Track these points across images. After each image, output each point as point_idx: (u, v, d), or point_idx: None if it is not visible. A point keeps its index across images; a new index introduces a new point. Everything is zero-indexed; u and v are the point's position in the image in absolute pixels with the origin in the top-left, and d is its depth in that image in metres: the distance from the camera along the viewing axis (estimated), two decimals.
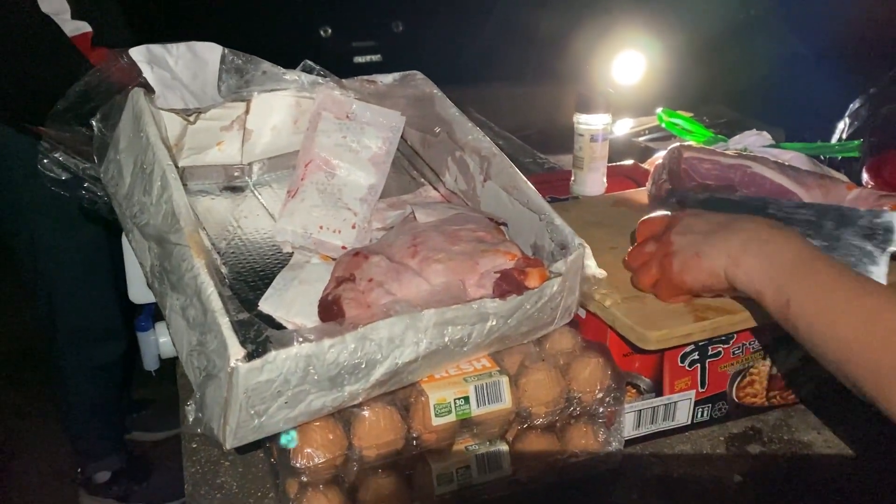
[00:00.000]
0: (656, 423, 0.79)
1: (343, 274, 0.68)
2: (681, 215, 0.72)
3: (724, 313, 0.71)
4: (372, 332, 0.58)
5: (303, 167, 0.81)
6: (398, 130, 0.83)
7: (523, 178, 0.77)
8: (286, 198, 0.80)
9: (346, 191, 0.81)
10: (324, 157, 0.81)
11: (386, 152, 0.83)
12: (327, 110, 0.83)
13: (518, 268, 0.65)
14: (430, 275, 0.66)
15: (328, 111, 0.83)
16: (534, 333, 0.70)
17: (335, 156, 0.82)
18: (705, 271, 0.67)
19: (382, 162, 0.83)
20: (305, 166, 0.81)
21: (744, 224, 0.67)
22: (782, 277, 0.61)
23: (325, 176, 0.81)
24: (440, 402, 0.65)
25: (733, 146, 1.07)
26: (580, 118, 1.00)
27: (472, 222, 0.72)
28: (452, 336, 0.62)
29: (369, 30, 2.51)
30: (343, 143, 0.82)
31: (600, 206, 0.97)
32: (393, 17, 2.52)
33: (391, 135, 0.83)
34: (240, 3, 2.25)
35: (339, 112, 0.83)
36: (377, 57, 2.51)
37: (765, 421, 0.83)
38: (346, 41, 2.47)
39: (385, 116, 0.84)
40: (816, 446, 0.80)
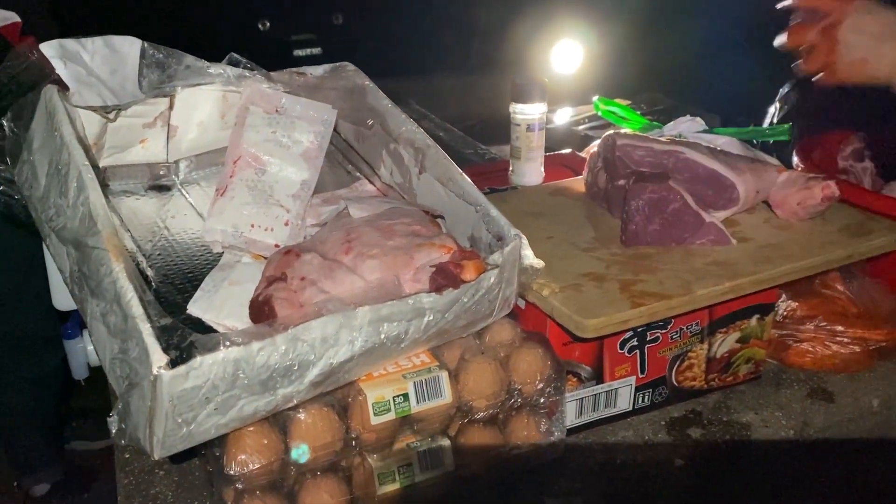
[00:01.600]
0: (598, 411, 0.80)
1: (274, 273, 0.66)
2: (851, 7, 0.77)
3: (661, 298, 0.71)
4: (304, 332, 0.56)
5: (231, 164, 0.78)
6: (330, 124, 0.81)
7: (458, 169, 0.76)
8: (215, 196, 0.77)
9: (277, 187, 0.79)
10: (253, 153, 0.79)
11: (318, 146, 0.81)
12: (255, 105, 0.80)
13: (454, 261, 0.64)
14: (364, 271, 0.65)
15: (256, 105, 0.80)
16: (473, 326, 0.70)
17: (265, 151, 0.79)
18: (869, 76, 0.76)
19: (315, 157, 0.80)
20: (234, 163, 0.78)
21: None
22: None
23: (255, 173, 0.79)
24: (379, 401, 0.64)
25: (668, 132, 1.08)
26: (516, 108, 0.99)
27: (407, 216, 0.71)
28: (389, 333, 0.60)
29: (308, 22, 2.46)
30: (273, 139, 0.80)
31: (538, 196, 0.96)
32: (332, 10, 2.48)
33: (323, 128, 0.81)
34: None
35: (268, 106, 0.81)
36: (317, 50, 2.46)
37: (704, 404, 0.84)
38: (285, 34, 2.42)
39: (316, 110, 0.81)
40: (755, 426, 0.81)
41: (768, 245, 0.79)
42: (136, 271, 0.59)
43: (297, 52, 2.42)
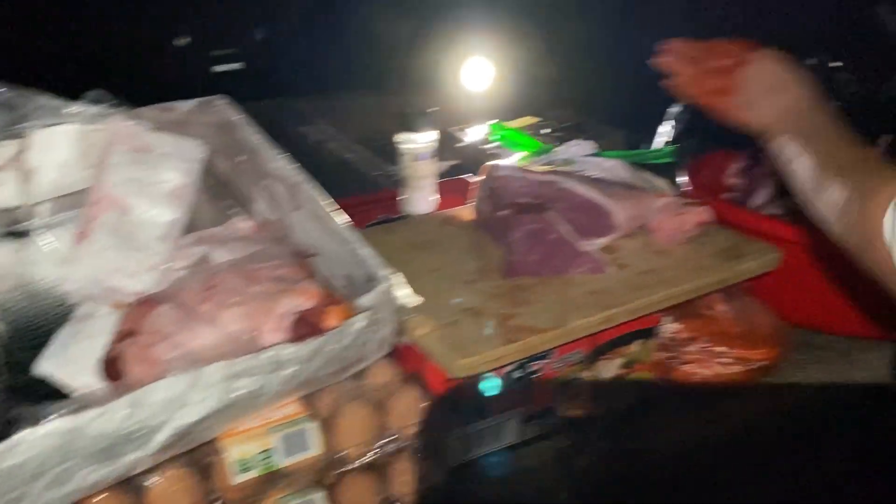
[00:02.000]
0: (484, 446, 0.79)
1: (127, 327, 0.62)
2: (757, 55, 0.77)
3: (534, 333, 0.70)
4: (146, 395, 0.53)
5: (92, 207, 0.74)
6: (200, 161, 0.78)
7: (331, 206, 0.73)
8: (74, 243, 0.73)
9: (143, 230, 0.75)
10: (116, 194, 0.75)
11: (187, 185, 0.77)
12: (119, 143, 0.76)
13: (317, 307, 0.62)
14: (223, 322, 0.62)
15: (120, 144, 0.76)
16: (345, 372, 0.67)
17: (129, 192, 0.75)
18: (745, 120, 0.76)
19: (184, 196, 0.77)
20: (95, 206, 0.74)
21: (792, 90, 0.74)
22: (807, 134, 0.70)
23: (118, 215, 0.75)
24: (242, 458, 0.61)
25: (559, 156, 1.08)
26: (404, 137, 0.98)
27: (275, 259, 0.68)
28: (245, 389, 0.58)
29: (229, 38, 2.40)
30: (138, 178, 0.76)
31: (428, 226, 0.95)
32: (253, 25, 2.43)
33: (192, 166, 0.78)
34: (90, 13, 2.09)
35: (133, 145, 0.77)
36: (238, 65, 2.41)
37: (590, 431, 0.84)
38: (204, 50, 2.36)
39: (184, 147, 0.78)
40: (642, 452, 0.82)
41: (645, 271, 0.80)
42: None
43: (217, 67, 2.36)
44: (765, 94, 0.76)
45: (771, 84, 0.76)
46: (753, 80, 0.77)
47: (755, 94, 0.76)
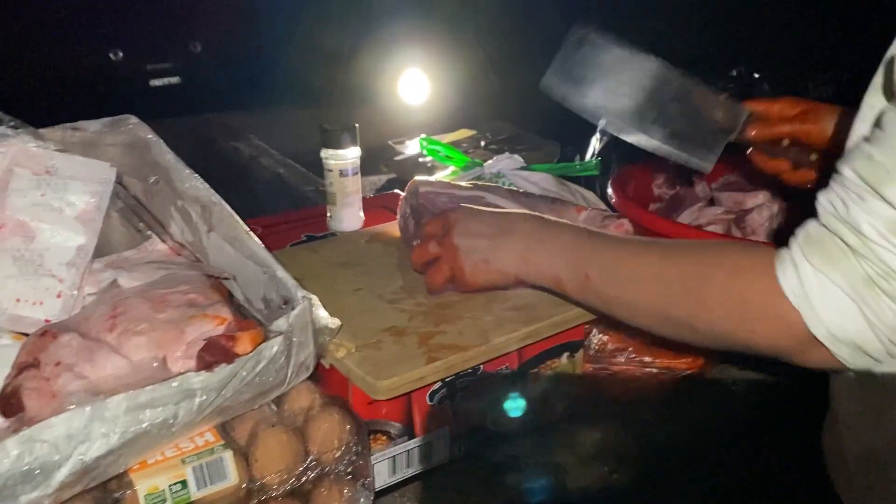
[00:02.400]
0: (413, 466, 0.77)
1: (26, 359, 0.59)
2: (457, 215, 0.76)
3: (456, 351, 0.70)
4: (42, 432, 0.50)
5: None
6: (109, 183, 0.75)
7: (245, 227, 0.72)
8: None
9: (48, 255, 0.72)
10: (19, 219, 0.72)
11: (96, 208, 0.74)
12: (20, 166, 0.73)
13: (228, 333, 0.60)
14: (129, 350, 0.59)
15: (22, 167, 0.73)
16: (262, 398, 0.66)
17: (33, 217, 0.72)
18: (496, 273, 0.73)
19: (92, 219, 0.74)
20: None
21: (521, 225, 0.73)
22: (573, 259, 0.68)
23: (21, 241, 0.71)
24: (152, 492, 0.59)
25: (488, 170, 1.09)
26: (327, 153, 0.97)
27: (185, 283, 0.66)
28: (153, 420, 0.55)
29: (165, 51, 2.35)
30: (42, 202, 0.73)
31: (353, 244, 0.94)
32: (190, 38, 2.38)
33: (101, 188, 0.75)
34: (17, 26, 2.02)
35: (37, 167, 0.74)
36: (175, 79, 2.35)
37: (523, 446, 0.84)
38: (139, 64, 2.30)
39: (92, 168, 0.75)
40: (570, 466, 0.82)
41: None
42: None
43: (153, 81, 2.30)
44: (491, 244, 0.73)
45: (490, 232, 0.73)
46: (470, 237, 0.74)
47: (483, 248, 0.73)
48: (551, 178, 1.03)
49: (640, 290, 0.64)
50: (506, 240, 0.73)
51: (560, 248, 0.69)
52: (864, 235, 0.51)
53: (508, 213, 0.76)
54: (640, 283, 0.64)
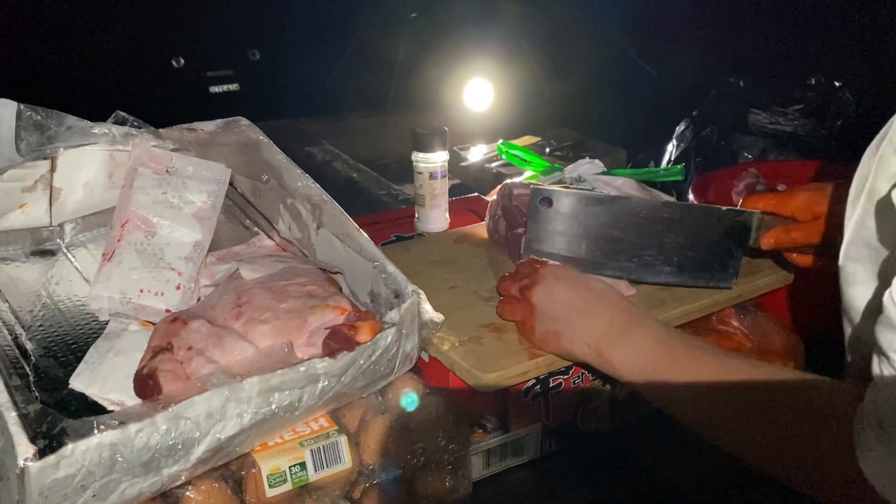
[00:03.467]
0: (505, 461, 0.79)
1: (160, 343, 0.63)
2: (546, 272, 0.72)
3: None
4: (186, 409, 0.54)
5: (119, 228, 0.75)
6: (224, 183, 0.80)
7: (355, 225, 0.75)
8: (101, 262, 0.74)
9: (168, 250, 0.76)
10: (142, 215, 0.76)
11: (211, 206, 0.79)
12: (144, 165, 0.78)
13: (348, 322, 0.63)
14: (255, 337, 0.63)
15: (145, 166, 0.78)
16: (373, 386, 0.68)
17: (155, 213, 0.77)
18: (564, 350, 0.70)
19: (208, 217, 0.78)
20: (122, 226, 0.76)
21: (603, 312, 0.68)
22: (650, 367, 0.63)
23: (144, 236, 0.76)
24: (274, 472, 0.62)
25: (568, 175, 1.10)
26: (418, 157, 1.00)
27: (302, 275, 0.70)
28: (280, 402, 0.59)
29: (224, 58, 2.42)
30: (163, 200, 0.77)
31: (443, 244, 0.97)
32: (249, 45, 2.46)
33: (216, 188, 0.79)
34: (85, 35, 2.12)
35: (158, 167, 0.78)
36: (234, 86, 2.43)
37: (611, 445, 0.85)
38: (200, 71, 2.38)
39: (209, 169, 0.80)
40: (659, 467, 0.82)
41: (662, 287, 0.81)
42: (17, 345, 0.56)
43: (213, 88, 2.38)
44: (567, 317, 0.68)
45: (570, 304, 0.69)
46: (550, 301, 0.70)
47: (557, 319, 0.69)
48: (634, 183, 1.04)
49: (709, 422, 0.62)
50: (583, 322, 0.68)
51: (638, 351, 0.65)
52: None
53: (595, 291, 0.70)
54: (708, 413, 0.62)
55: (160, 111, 0.92)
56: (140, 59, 2.21)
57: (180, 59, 2.32)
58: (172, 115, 0.85)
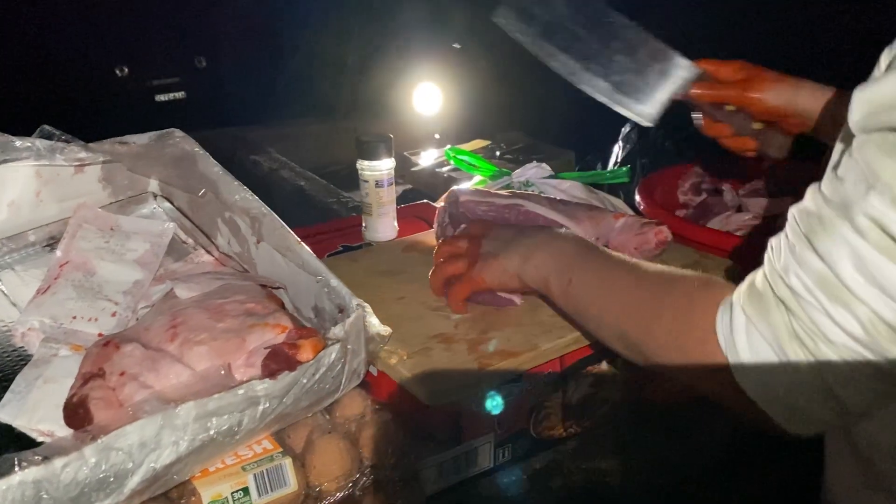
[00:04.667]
0: (459, 473, 0.78)
1: (91, 369, 0.60)
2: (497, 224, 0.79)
3: (507, 357, 0.71)
4: (117, 440, 0.51)
5: (57, 268, 0.73)
6: (167, 236, 0.79)
7: (296, 238, 0.73)
8: (35, 295, 0.71)
9: (107, 286, 0.74)
10: (83, 260, 0.74)
11: (154, 254, 0.77)
12: (89, 223, 0.75)
13: (289, 341, 0.61)
14: (192, 359, 0.60)
15: (89, 224, 0.75)
16: (318, 405, 0.66)
17: (97, 257, 0.75)
18: (500, 269, 0.75)
19: (150, 262, 0.77)
20: (60, 267, 0.73)
21: (536, 231, 0.76)
22: (564, 264, 0.69)
23: (83, 275, 0.74)
24: (216, 499, 0.59)
25: (516, 179, 1.10)
26: (363, 164, 0.98)
27: (242, 292, 0.67)
28: (219, 427, 0.56)
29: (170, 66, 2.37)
30: (105, 247, 0.76)
31: (391, 253, 0.95)
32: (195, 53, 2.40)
33: (160, 240, 0.78)
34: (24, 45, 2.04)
35: (102, 225, 0.77)
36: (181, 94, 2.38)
37: (564, 452, 0.84)
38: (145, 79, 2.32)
39: (151, 225, 0.79)
40: (612, 472, 0.82)
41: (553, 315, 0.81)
42: None
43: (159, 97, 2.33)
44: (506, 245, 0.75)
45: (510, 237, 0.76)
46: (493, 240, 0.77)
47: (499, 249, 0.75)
48: (580, 186, 1.04)
49: (607, 305, 0.65)
50: (519, 243, 0.74)
51: (557, 253, 0.71)
52: (792, 288, 0.47)
53: (539, 227, 0.78)
54: (608, 298, 0.65)
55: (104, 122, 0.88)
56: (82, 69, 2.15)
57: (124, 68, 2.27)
58: (117, 125, 0.83)
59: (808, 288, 0.46)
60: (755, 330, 0.49)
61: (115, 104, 2.19)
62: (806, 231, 0.47)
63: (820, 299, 0.46)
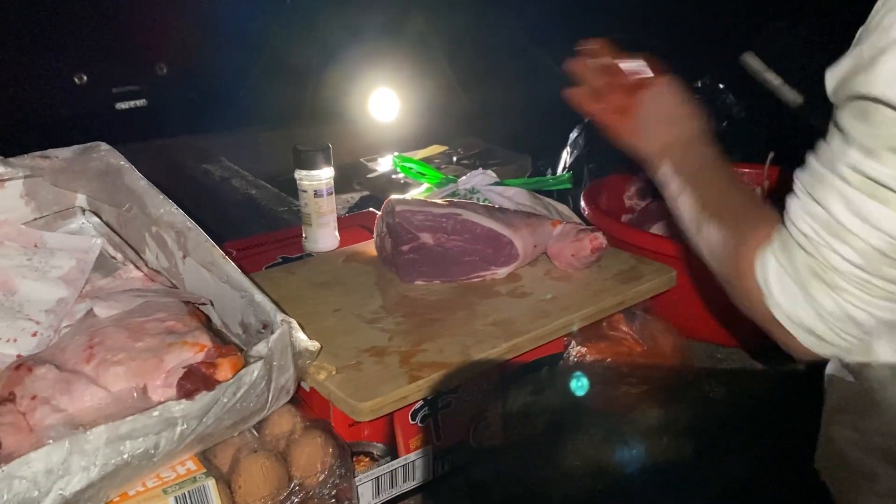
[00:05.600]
0: (396, 487, 0.77)
1: (1, 393, 0.58)
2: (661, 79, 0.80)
3: (438, 369, 0.70)
4: (20, 468, 0.49)
5: None
6: (94, 252, 0.76)
7: (220, 252, 0.71)
8: None
9: (28, 305, 0.72)
10: (3, 278, 0.72)
11: (80, 271, 0.75)
12: (11, 240, 0.73)
13: (208, 360, 0.59)
14: (108, 380, 0.59)
15: (11, 241, 0.73)
16: (244, 423, 0.65)
17: (17, 275, 0.72)
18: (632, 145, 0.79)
19: (76, 279, 0.74)
20: None
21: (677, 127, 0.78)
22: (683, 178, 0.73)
23: (2, 294, 0.71)
24: None
25: (462, 186, 1.09)
26: (301, 174, 0.96)
27: (163, 310, 0.66)
28: (133, 451, 0.55)
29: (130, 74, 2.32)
30: (28, 265, 0.73)
31: (331, 264, 0.94)
32: (156, 60, 2.36)
33: (86, 255, 0.76)
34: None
35: (25, 242, 0.74)
36: (142, 102, 2.33)
37: (506, 461, 0.84)
38: (104, 87, 2.27)
39: (78, 241, 0.77)
40: (553, 481, 0.82)
41: (546, 299, 0.81)
42: None
43: (120, 104, 2.28)
44: (657, 122, 0.79)
45: (665, 113, 0.79)
46: (649, 106, 0.80)
47: (648, 121, 0.79)
48: (525, 193, 1.04)
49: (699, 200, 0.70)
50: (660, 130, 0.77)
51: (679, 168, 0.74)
52: (804, 234, 0.57)
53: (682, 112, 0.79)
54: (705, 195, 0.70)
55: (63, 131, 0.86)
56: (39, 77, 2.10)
57: (83, 76, 2.22)
58: (76, 134, 0.81)
59: (816, 231, 0.56)
60: (785, 273, 0.59)
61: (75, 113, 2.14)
62: (807, 186, 0.57)
63: (825, 238, 0.56)
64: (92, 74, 2.20)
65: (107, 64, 2.23)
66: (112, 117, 2.26)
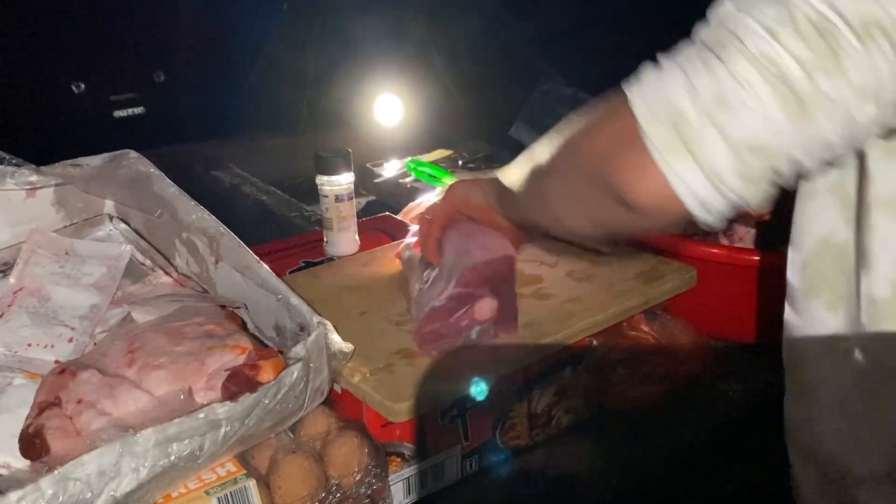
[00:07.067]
0: (426, 487, 0.78)
1: (47, 398, 0.59)
2: None
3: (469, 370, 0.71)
4: (74, 470, 0.50)
5: (11, 295, 0.71)
6: (124, 259, 0.78)
7: (254, 256, 0.72)
8: None
9: (63, 311, 0.73)
10: (37, 286, 0.73)
11: (111, 278, 0.76)
12: (42, 248, 0.74)
13: (249, 362, 0.60)
14: (150, 384, 0.60)
15: (43, 249, 0.74)
16: (282, 425, 0.66)
17: (51, 283, 0.74)
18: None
19: (107, 286, 0.76)
20: (14, 294, 0.72)
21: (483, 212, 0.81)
22: None
23: (37, 301, 0.73)
24: None
25: None
26: (322, 179, 0.98)
27: (200, 314, 0.67)
28: (180, 453, 0.56)
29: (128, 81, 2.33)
30: (60, 272, 0.75)
31: (353, 268, 0.95)
32: (153, 67, 2.37)
33: (116, 262, 0.77)
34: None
35: (56, 250, 0.75)
36: (140, 109, 2.34)
37: (531, 460, 0.85)
38: (102, 95, 2.28)
39: (107, 248, 0.78)
40: (580, 477, 0.83)
41: (570, 300, 0.82)
42: None
43: (118, 112, 2.29)
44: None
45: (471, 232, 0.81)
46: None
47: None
48: None
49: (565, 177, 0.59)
50: None
51: None
52: None
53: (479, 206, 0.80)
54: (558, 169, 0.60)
55: (61, 140, 0.87)
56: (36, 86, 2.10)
57: (80, 85, 2.22)
58: (75, 143, 0.82)
59: None
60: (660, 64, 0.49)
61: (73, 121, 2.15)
62: None
63: None
64: (89, 82, 2.21)
65: (104, 72, 2.24)
66: (110, 125, 2.27)
